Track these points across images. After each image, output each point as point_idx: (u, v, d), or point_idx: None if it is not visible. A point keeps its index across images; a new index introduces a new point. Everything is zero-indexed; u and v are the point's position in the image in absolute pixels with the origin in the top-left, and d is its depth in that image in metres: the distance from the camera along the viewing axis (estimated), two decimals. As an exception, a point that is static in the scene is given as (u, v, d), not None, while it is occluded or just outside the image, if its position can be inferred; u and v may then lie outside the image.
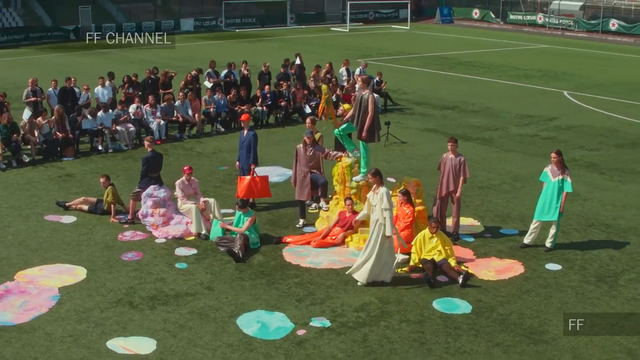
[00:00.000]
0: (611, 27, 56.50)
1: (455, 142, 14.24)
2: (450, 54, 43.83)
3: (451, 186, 14.25)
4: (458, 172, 14.14)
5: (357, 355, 10.19)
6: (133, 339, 10.50)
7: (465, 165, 14.15)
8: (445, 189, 14.31)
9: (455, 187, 14.20)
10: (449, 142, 14.27)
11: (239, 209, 13.97)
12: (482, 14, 65.07)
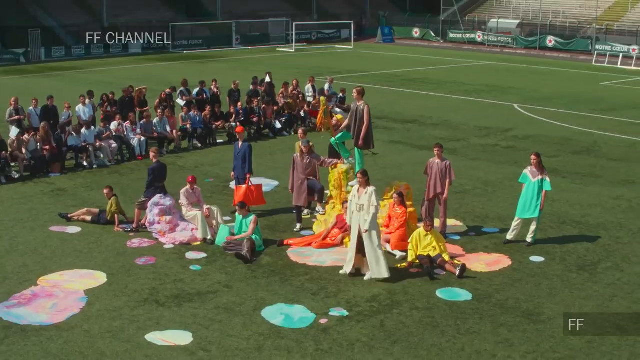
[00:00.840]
0: (548, 43, 59.19)
1: (441, 147, 15.46)
2: (398, 72, 45.41)
3: (438, 188, 15.43)
4: (444, 175, 15.34)
5: (378, 338, 11.20)
6: (169, 332, 11.28)
7: (450, 169, 15.38)
8: (432, 191, 15.49)
9: (442, 189, 15.39)
10: (435, 148, 15.47)
11: (239, 212, 14.86)
12: (422, 33, 67.24)
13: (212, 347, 10.84)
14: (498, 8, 69.76)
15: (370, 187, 13.15)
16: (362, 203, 13.07)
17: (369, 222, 12.98)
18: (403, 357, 10.65)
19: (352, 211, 13.33)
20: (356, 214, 13.19)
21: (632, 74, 46.27)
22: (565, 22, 63.01)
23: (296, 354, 10.68)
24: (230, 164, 20.24)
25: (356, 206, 13.18)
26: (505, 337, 11.29)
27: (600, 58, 52.97)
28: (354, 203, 13.24)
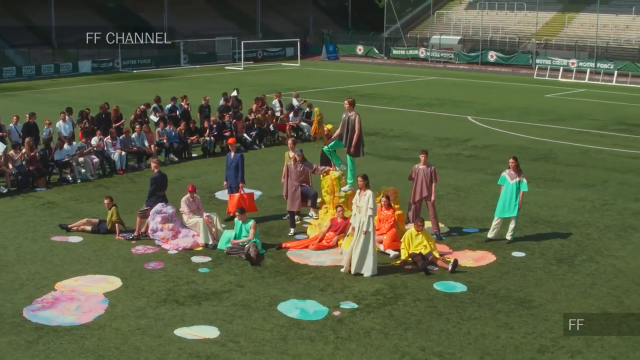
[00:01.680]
0: (490, 58, 61.51)
1: (426, 154, 16.67)
2: (349, 87, 46.73)
3: (424, 192, 16.60)
4: (430, 179, 16.53)
5: (390, 326, 12.23)
6: (196, 327, 12.08)
7: (436, 173, 16.57)
8: (418, 195, 16.65)
9: (428, 192, 16.56)
10: (421, 154, 16.67)
11: (239, 218, 15.73)
12: (366, 50, 69.00)
13: (240, 338, 11.67)
14: (439, 25, 72.02)
15: (369, 190, 14.21)
16: (361, 205, 14.12)
17: (366, 223, 14.02)
18: (416, 342, 11.67)
19: (354, 213, 14.35)
20: (357, 215, 14.22)
21: (574, 87, 48.62)
22: (505, 38, 65.52)
23: (319, 342, 11.61)
24: (209, 175, 21.23)
25: (356, 208, 14.21)
26: (504, 322, 12.44)
27: (541, 72, 55.37)
28: (355, 205, 14.28)
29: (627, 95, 44.35)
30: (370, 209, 14.03)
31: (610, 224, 17.92)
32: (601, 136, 30.11)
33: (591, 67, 54.92)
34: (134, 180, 21.84)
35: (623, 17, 61.94)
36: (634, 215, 18.70)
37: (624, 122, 33.54)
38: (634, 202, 19.92)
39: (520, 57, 60.71)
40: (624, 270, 14.89)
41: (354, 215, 14.42)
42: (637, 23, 61.58)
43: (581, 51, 58.96)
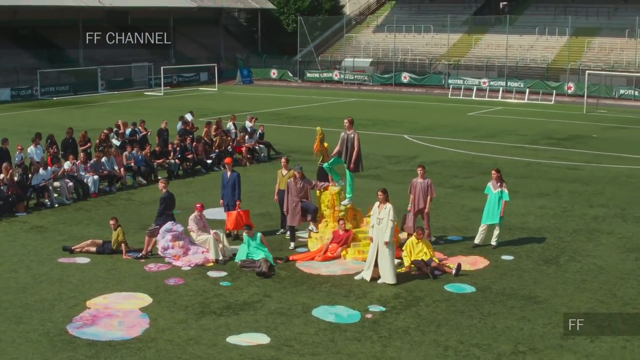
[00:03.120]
0: (403, 79, 63.96)
1: (423, 168, 17.98)
2: (278, 110, 47.83)
3: (421, 204, 17.89)
4: (426, 192, 17.82)
5: (423, 324, 13.38)
6: (245, 335, 12.85)
7: (432, 186, 17.90)
8: (416, 206, 17.93)
9: (424, 204, 17.84)
10: (418, 169, 17.97)
11: (248, 234, 16.58)
12: (279, 73, 70.38)
13: (292, 342, 12.54)
14: (349, 48, 74.18)
15: (389, 203, 15.37)
16: (381, 217, 15.25)
17: (388, 234, 15.16)
18: (452, 336, 12.86)
19: (372, 225, 15.46)
20: (376, 227, 15.33)
21: (491, 105, 51.43)
22: (415, 59, 68.24)
23: (365, 341, 12.62)
24: (184, 197, 22.13)
25: (376, 220, 15.32)
26: (521, 315, 13.80)
27: (455, 91, 58.06)
28: (374, 217, 15.39)
29: (542, 112, 47.32)
30: (391, 221, 15.15)
31: (577, 228, 19.67)
32: (536, 150, 32.30)
33: (502, 85, 57.98)
34: (111, 203, 22.23)
35: (527, 37, 65.65)
36: (594, 220, 20.54)
37: (551, 137, 35.98)
38: (589, 208, 21.80)
39: (432, 77, 63.39)
40: (605, 267, 16.56)
41: (371, 226, 15.50)
42: (541, 43, 65.41)
43: (490, 71, 62.15)
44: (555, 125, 40.50)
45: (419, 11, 78.48)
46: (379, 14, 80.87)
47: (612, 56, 60.25)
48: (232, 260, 16.79)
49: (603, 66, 57.31)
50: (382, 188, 15.78)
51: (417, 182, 17.79)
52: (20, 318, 13.50)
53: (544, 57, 63.50)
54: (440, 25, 72.24)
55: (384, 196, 15.42)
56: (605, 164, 28.94)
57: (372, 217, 15.60)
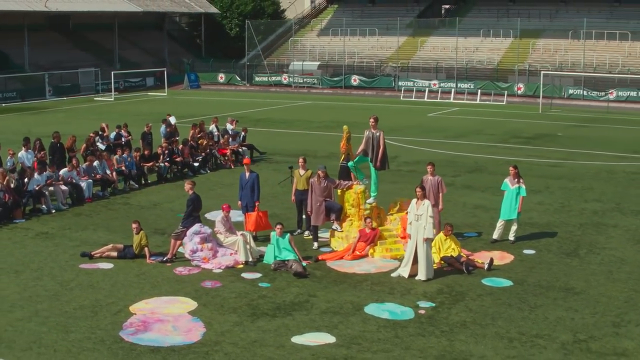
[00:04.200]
0: (353, 82, 64.36)
1: (433, 165, 18.15)
2: (238, 114, 47.35)
3: (432, 200, 17.98)
4: (437, 189, 18.00)
5: (477, 317, 13.52)
6: (308, 335, 12.74)
7: (442, 183, 18.08)
8: (429, 203, 18.04)
9: (435, 201, 17.99)
10: (428, 166, 18.12)
11: (277, 233, 16.47)
12: (227, 77, 69.97)
13: (358, 340, 12.51)
14: (294, 51, 74.26)
15: (427, 200, 15.47)
16: (420, 214, 15.35)
17: (428, 230, 15.26)
18: (511, 328, 13.05)
19: (410, 222, 15.53)
20: (414, 223, 15.42)
21: (447, 106, 52.30)
22: (363, 62, 68.74)
23: (429, 336, 12.70)
24: (183, 199, 21.46)
25: (414, 217, 15.41)
26: (567, 306, 14.10)
27: (407, 93, 58.71)
28: (412, 214, 15.47)
29: (499, 112, 48.34)
30: (430, 217, 15.25)
31: (582, 222, 20.18)
32: (510, 149, 32.98)
33: (453, 87, 58.93)
34: (109, 208, 21.77)
35: (472, 39, 66.89)
36: (594, 214, 21.11)
37: (518, 136, 36.78)
38: (585, 203, 22.39)
39: (382, 80, 64.00)
40: (625, 259, 17.06)
41: (409, 223, 15.56)
42: (486, 45, 66.76)
43: (438, 73, 63.09)
44: (518, 125, 41.37)
45: (362, 14, 79.18)
46: (322, 17, 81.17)
47: (557, 57, 61.93)
48: (261, 261, 16.59)
49: (549, 67, 58.78)
50: (420, 185, 15.85)
51: (428, 179, 17.95)
52: (66, 327, 13.07)
53: (490, 58, 64.83)
54: (384, 28, 73.08)
55: (422, 192, 15.54)
56: (581, 161, 29.73)
57: (409, 214, 15.66)
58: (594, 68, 58.30)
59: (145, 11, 70.25)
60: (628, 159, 30.24)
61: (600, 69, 57.62)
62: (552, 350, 12.17)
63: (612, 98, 52.12)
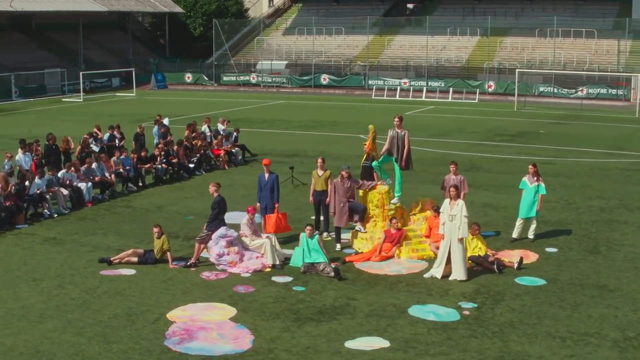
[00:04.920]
0: (322, 81, 64.15)
1: (456, 164, 18.05)
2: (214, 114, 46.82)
3: (455, 200, 17.90)
4: (460, 188, 17.85)
5: (524, 317, 13.41)
6: (361, 339, 12.46)
7: (464, 183, 17.97)
8: (452, 202, 17.92)
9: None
10: (451, 165, 18.03)
11: (307, 234, 16.16)
12: (194, 77, 69.18)
13: (412, 343, 12.30)
14: (261, 51, 73.75)
15: (460, 200, 15.32)
16: (454, 214, 15.19)
17: (463, 230, 15.11)
18: (559, 327, 12.99)
19: (443, 222, 15.36)
20: (448, 223, 15.26)
21: (423, 104, 52.45)
22: (331, 61, 68.54)
23: (482, 337, 12.55)
24: (185, 202, 21.52)
25: (448, 217, 15.24)
26: (607, 303, 14.09)
27: (378, 92, 58.71)
28: (446, 214, 15.30)
29: (475, 110, 48.65)
30: (465, 217, 15.10)
31: (594, 220, 20.29)
32: (498, 147, 33.11)
33: (423, 85, 59.11)
34: (113, 212, 21.24)
35: (439, 38, 67.18)
36: (602, 211, 21.26)
37: (502, 134, 36.99)
38: (590, 200, 22.55)
39: (352, 79, 63.91)
40: (647, 255, 17.08)
41: (442, 224, 15.40)
42: (453, 43, 67.16)
43: (408, 71, 63.24)
44: (498, 123, 41.63)
45: (327, 13, 79.01)
46: (287, 16, 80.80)
47: (525, 55, 62.54)
48: (287, 264, 16.27)
49: (518, 65, 59.31)
50: (454, 184, 15.71)
51: (450, 179, 17.85)
52: (106, 337, 12.59)
53: (458, 57, 65.21)
54: (350, 27, 73.04)
55: (455, 192, 15.39)
56: (572, 158, 29.98)
57: (442, 214, 15.50)
58: (562, 65, 59.05)
59: (110, 11, 69.05)
60: (616, 156, 30.59)
61: (568, 67, 58.35)
62: (606, 348, 12.11)
63: (583, 95, 52.75)
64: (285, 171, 26.73)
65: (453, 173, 17.92)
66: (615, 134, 37.20)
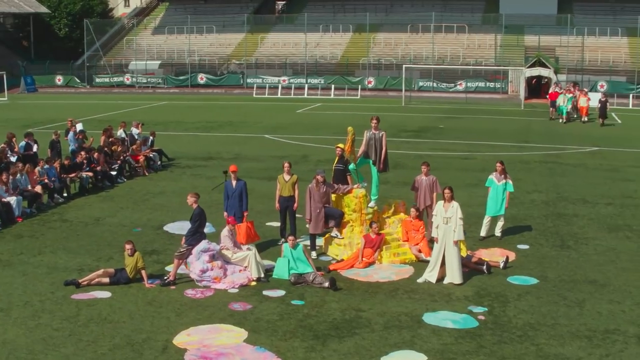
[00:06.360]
0: (200, 80, 62.57)
1: (428, 165, 17.68)
2: (103, 116, 44.61)
3: (427, 201, 17.61)
4: (432, 189, 17.58)
5: (539, 318, 13.19)
6: (396, 353, 11.77)
7: (437, 183, 17.66)
8: (423, 203, 17.61)
9: (430, 201, 17.58)
10: (423, 166, 17.64)
11: (290, 244, 15.33)
12: (66, 79, 65.80)
13: (448, 354, 11.77)
14: (131, 51, 71.05)
15: (455, 202, 14.93)
16: (449, 216, 14.79)
17: (459, 233, 14.75)
18: (579, 326, 12.88)
19: (437, 225, 14.92)
20: (442, 226, 14.84)
21: (311, 102, 52.26)
22: (205, 60, 67.00)
23: (512, 342, 12.23)
24: (123, 212, 20.10)
25: (442, 219, 14.82)
26: (607, 298, 14.17)
27: (259, 90, 57.92)
28: (440, 217, 14.87)
29: (364, 106, 48.93)
30: (460, 219, 14.73)
31: (545, 214, 20.65)
32: (408, 143, 33.25)
33: (303, 83, 58.87)
34: (50, 227, 19.43)
35: (311, 35, 67.10)
36: (547, 205, 21.81)
37: (406, 130, 37.30)
38: (529, 194, 23.02)
39: (230, 77, 62.80)
40: (614, 247, 17.58)
41: (436, 227, 14.96)
42: (326, 40, 67.35)
43: (284, 69, 62.82)
44: (396, 119, 41.93)
45: (196, 11, 77.35)
46: (155, 15, 78.37)
47: (400, 50, 63.55)
48: (271, 276, 15.34)
49: (393, 60, 60.20)
50: (448, 186, 15.28)
51: (422, 180, 17.52)
52: (116, 372, 11.25)
53: (333, 53, 65.42)
54: (220, 25, 71.79)
55: (450, 194, 14.98)
56: (486, 152, 30.49)
57: (436, 217, 15.06)
58: (436, 61, 60.38)
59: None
60: (527, 149, 31.44)
61: (443, 62, 59.76)
62: (634, 344, 12.14)
63: (462, 89, 54.17)
64: (210, 175, 25.67)
65: (424, 174, 17.52)
66: (513, 127, 38.30)
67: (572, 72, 54.97)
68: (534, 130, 37.66)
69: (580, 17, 63.01)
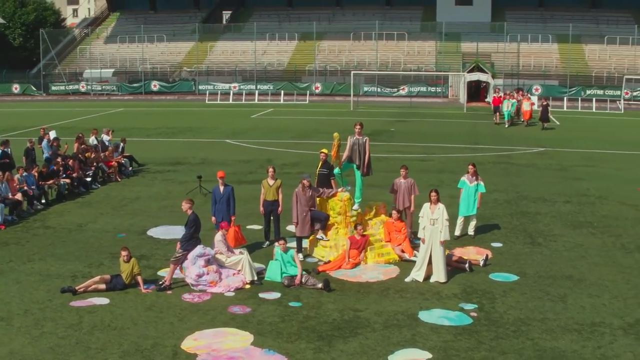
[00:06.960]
0: (153, 88, 61.46)
1: (407, 168, 17.54)
2: (64, 123, 43.40)
3: (406, 202, 17.49)
4: (410, 191, 17.45)
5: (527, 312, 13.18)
6: (401, 352, 11.58)
7: (415, 185, 17.54)
8: (402, 205, 17.48)
9: (409, 203, 17.46)
10: (402, 169, 17.50)
11: (282, 248, 15.00)
12: (22, 88, 63.97)
13: (451, 351, 11.63)
14: (85, 59, 69.47)
15: (440, 204, 14.81)
16: (435, 218, 14.66)
17: (445, 233, 14.64)
18: (567, 320, 12.88)
19: (423, 226, 14.78)
20: (429, 227, 14.71)
21: (263, 107, 51.79)
22: (156, 68, 65.87)
23: (508, 337, 12.15)
24: (104, 217, 19.52)
25: (429, 220, 14.69)
26: (587, 292, 14.25)
27: (212, 97, 57.18)
28: (427, 218, 14.73)
29: (315, 111, 48.91)
30: (447, 220, 14.62)
31: (509, 212, 20.75)
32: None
33: (253, 89, 58.37)
34: (33, 233, 18.64)
35: (258, 43, 66.56)
36: (508, 204, 21.89)
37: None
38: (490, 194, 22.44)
39: (183, 84, 61.88)
40: (581, 243, 17.70)
41: (422, 228, 14.82)
42: (273, 48, 66.93)
43: (234, 75, 62.19)
44: (348, 123, 41.53)
45: (146, 21, 76.07)
46: (106, 25, 76.72)
47: (344, 57, 63.53)
48: (263, 278, 14.97)
49: (338, 67, 60.17)
50: (434, 189, 15.14)
51: (401, 182, 17.39)
52: (136, 380, 10.75)
53: (280, 60, 65.05)
54: (171, 34, 70.77)
55: (437, 197, 14.85)
56: (442, 154, 30.58)
57: (423, 219, 14.92)
58: (378, 67, 60.57)
59: None
60: (478, 150, 31.65)
61: (385, 68, 59.97)
62: (620, 336, 12.20)
63: (405, 93, 54.42)
64: (182, 180, 25.14)
65: (403, 177, 17.36)
66: (461, 130, 38.56)
67: (508, 77, 55.80)
68: (480, 132, 38.02)
69: (513, 24, 64.05)
